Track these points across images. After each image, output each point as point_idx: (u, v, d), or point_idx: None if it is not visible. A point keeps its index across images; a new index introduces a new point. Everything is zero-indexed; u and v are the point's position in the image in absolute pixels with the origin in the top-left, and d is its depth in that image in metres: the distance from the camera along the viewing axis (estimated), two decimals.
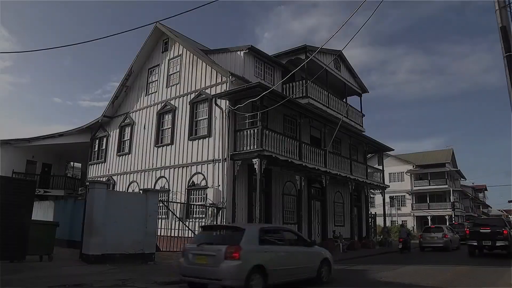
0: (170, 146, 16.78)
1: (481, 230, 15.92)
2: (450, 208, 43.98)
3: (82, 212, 10.66)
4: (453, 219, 41.43)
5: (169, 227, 13.40)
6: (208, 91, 15.75)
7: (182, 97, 16.99)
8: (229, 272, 6.58)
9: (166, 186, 16.24)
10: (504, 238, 15.25)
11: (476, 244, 15.86)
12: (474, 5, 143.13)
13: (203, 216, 14.10)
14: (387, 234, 23.37)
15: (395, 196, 50.51)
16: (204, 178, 14.83)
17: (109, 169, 20.14)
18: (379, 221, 27.17)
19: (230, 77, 14.77)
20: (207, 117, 15.49)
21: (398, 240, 20.32)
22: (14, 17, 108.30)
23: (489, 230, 15.65)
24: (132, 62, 19.80)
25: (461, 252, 18.93)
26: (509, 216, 54.25)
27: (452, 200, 45.40)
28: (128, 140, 19.39)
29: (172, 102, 17.39)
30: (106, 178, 19.69)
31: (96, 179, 19.56)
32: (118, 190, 18.44)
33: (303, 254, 8.42)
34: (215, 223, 13.43)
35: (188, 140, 15.99)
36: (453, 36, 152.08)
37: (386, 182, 28.27)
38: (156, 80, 18.88)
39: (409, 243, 19.86)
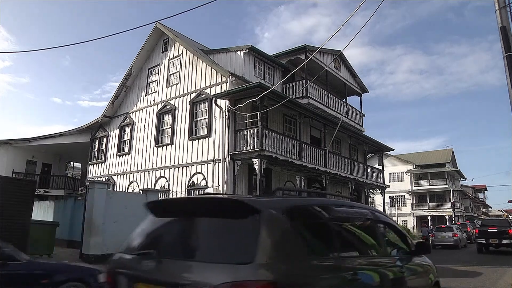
0: (170, 146, 16.78)
1: (488, 230, 17.76)
2: (450, 208, 43.96)
3: (82, 212, 10.68)
4: (453, 219, 41.40)
5: None
6: (208, 91, 15.75)
7: (182, 97, 16.99)
8: None
9: (166, 186, 16.24)
10: (509, 237, 17.03)
11: (484, 242, 17.58)
12: (472, 5, 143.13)
13: None
14: None
15: (395, 196, 50.50)
16: (204, 178, 14.83)
17: (109, 169, 20.14)
18: None
19: (230, 77, 14.77)
20: (207, 117, 15.48)
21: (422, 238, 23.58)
22: (14, 17, 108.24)
23: (496, 230, 17.51)
24: (132, 62, 19.81)
25: (468, 250, 20.65)
26: (509, 216, 54.26)
27: (452, 200, 45.38)
28: (128, 140, 19.38)
29: (172, 102, 17.39)
30: (106, 178, 19.68)
31: (96, 179, 19.54)
32: (118, 190, 18.43)
33: None
34: None
35: (188, 140, 15.99)
36: (452, 36, 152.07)
37: (386, 182, 28.25)
38: (156, 80, 18.87)
39: (428, 240, 22.20)
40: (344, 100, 22.12)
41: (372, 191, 26.08)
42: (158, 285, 2.46)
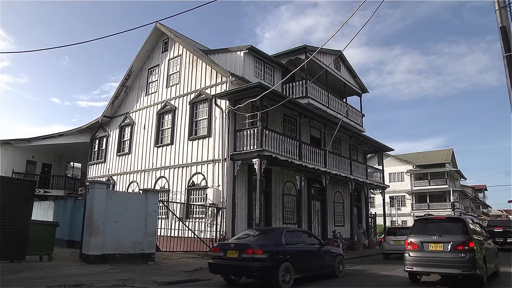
0: (170, 146, 16.78)
1: (494, 230, 18.99)
2: (450, 208, 43.98)
3: (82, 212, 10.66)
4: None
5: (169, 227, 13.42)
6: (208, 91, 15.75)
7: (182, 97, 16.99)
8: None
9: (166, 186, 16.24)
10: None
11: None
12: (471, 4, 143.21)
13: (203, 216, 14.10)
14: (363, 236, 19.33)
15: (395, 196, 50.49)
16: (204, 178, 14.83)
17: (109, 169, 20.14)
18: (379, 221, 27.16)
19: (230, 77, 14.77)
20: (207, 117, 15.48)
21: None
22: (12, 17, 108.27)
23: (501, 230, 19.02)
24: (132, 62, 19.82)
25: None
26: (509, 216, 54.24)
27: (452, 200, 45.39)
28: (128, 140, 19.38)
29: (172, 102, 17.39)
30: (106, 178, 19.69)
31: (96, 179, 19.56)
32: (118, 190, 18.44)
33: None
34: (214, 223, 13.44)
35: (188, 140, 15.98)
36: (450, 36, 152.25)
37: (386, 182, 28.27)
38: (156, 80, 18.87)
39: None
40: (344, 100, 22.11)
41: (372, 191, 26.09)
42: (439, 243, 7.94)
